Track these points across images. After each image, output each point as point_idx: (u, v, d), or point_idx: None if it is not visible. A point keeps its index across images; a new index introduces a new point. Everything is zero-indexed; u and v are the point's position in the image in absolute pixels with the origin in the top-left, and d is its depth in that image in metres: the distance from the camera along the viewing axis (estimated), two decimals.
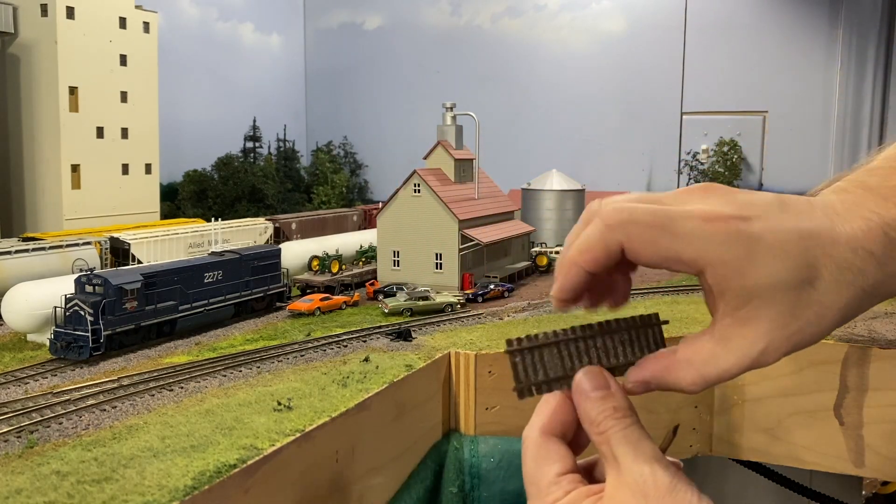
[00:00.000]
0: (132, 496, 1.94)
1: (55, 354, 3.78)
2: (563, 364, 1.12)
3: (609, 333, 1.15)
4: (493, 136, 8.83)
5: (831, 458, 3.04)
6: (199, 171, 10.42)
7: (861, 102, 10.16)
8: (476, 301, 5.45)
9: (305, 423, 2.44)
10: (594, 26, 11.26)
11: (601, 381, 1.09)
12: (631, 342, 1.16)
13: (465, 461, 3.09)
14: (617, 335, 1.15)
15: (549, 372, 1.12)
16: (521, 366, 1.12)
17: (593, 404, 1.08)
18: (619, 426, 1.05)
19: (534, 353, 1.12)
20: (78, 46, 7.41)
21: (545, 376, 1.12)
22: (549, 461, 1.10)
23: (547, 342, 1.13)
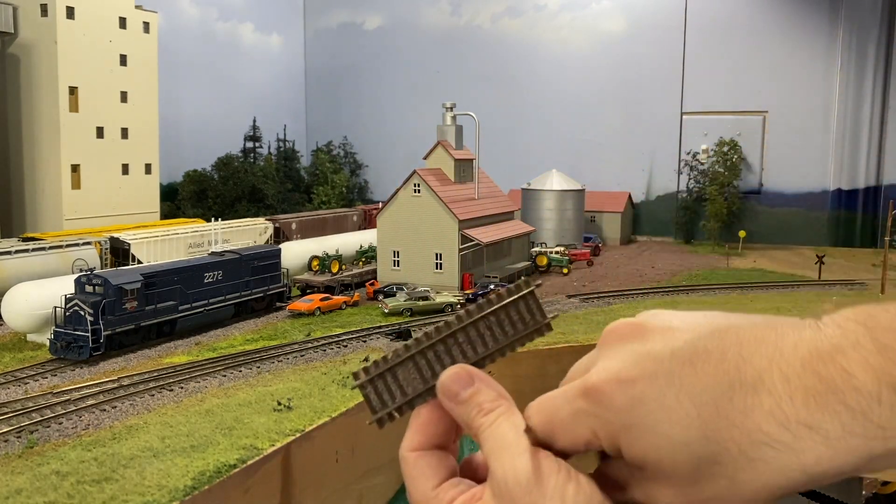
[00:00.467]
0: (132, 496, 1.94)
1: (55, 354, 3.78)
2: (422, 376, 0.98)
3: (473, 323, 0.99)
4: (493, 136, 8.85)
5: None
6: (199, 171, 10.43)
7: (861, 102, 10.18)
8: (476, 301, 5.45)
9: (305, 423, 2.44)
10: (594, 26, 11.28)
11: (465, 380, 0.95)
12: (500, 323, 0.99)
13: None
14: (482, 322, 0.99)
15: (409, 389, 0.98)
16: (374, 394, 0.98)
17: (461, 409, 0.94)
18: (485, 423, 0.91)
19: (386, 377, 0.98)
20: (78, 46, 7.41)
21: (403, 396, 0.97)
22: (423, 477, 0.96)
23: (398, 360, 0.98)
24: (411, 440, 1.00)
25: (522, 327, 0.98)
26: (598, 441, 0.87)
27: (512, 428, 0.91)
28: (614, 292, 13.60)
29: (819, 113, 11.11)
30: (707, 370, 0.79)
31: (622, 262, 9.72)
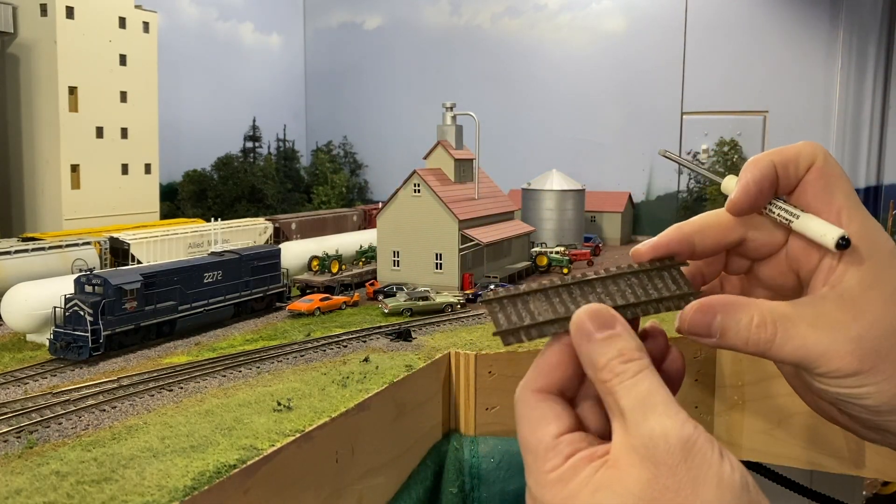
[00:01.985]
0: (132, 496, 1.94)
1: (55, 354, 3.77)
2: (554, 309, 0.97)
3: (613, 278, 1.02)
4: (493, 136, 8.84)
5: (832, 459, 3.03)
6: (199, 171, 10.43)
7: (861, 102, 10.17)
8: (476, 301, 5.45)
9: (305, 424, 2.44)
10: (594, 26, 11.27)
11: (606, 319, 0.93)
12: (643, 285, 1.02)
13: (465, 461, 3.08)
14: (623, 279, 1.02)
15: (539, 316, 0.97)
16: (502, 315, 0.97)
17: (596, 347, 0.92)
18: (626, 374, 0.89)
19: (516, 302, 0.98)
20: (77, 46, 7.41)
21: (533, 320, 0.96)
22: (544, 422, 0.94)
23: (531, 290, 0.98)
24: (534, 380, 0.98)
25: (667, 293, 1.01)
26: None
27: (660, 385, 0.88)
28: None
29: (819, 113, 11.10)
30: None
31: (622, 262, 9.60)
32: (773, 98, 10.60)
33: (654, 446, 0.84)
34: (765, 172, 1.03)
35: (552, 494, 0.90)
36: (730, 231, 1.09)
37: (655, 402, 0.87)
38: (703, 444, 0.84)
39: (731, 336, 0.99)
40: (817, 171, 1.04)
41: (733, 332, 0.99)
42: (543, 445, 0.94)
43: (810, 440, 3.05)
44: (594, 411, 1.00)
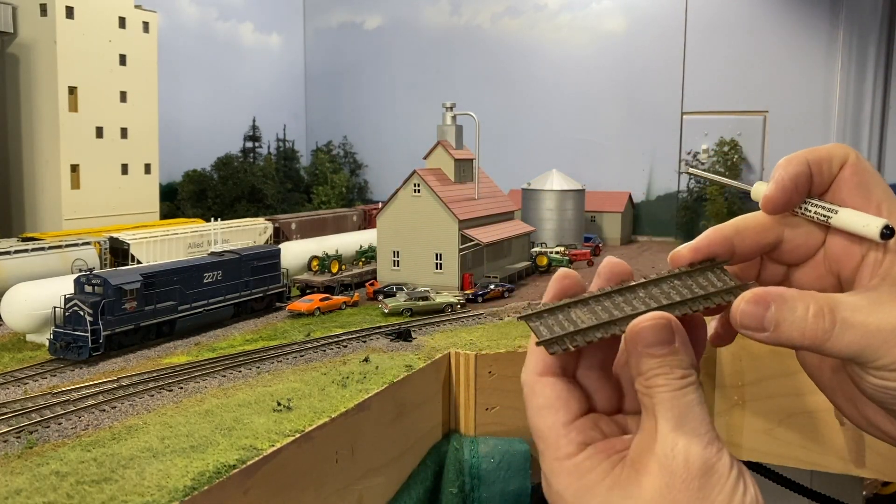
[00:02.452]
0: (131, 497, 1.94)
1: (54, 355, 3.77)
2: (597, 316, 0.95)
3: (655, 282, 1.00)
4: (493, 136, 8.83)
5: (832, 459, 3.03)
6: (199, 171, 10.42)
7: (861, 102, 10.16)
8: (476, 301, 5.45)
9: (305, 424, 2.44)
10: (594, 26, 11.26)
11: (667, 334, 0.91)
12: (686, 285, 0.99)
13: (465, 462, 3.08)
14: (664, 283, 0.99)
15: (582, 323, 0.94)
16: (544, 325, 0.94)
17: (650, 361, 0.91)
18: (670, 386, 0.89)
19: (556, 312, 0.95)
20: (77, 46, 7.40)
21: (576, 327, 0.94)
22: (552, 410, 0.94)
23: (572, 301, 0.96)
24: (536, 364, 0.97)
25: (713, 289, 0.99)
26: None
27: (699, 403, 0.88)
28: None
29: (819, 113, 11.10)
30: None
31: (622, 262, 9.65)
32: (773, 98, 10.59)
33: (675, 460, 0.86)
34: (799, 169, 1.01)
35: (566, 484, 0.91)
36: (767, 232, 1.06)
37: (689, 418, 0.88)
38: (722, 468, 0.86)
39: (787, 328, 0.96)
40: (851, 167, 1.02)
41: (788, 322, 0.96)
42: (554, 433, 0.94)
43: (810, 440, 3.05)
44: (600, 383, 1.00)
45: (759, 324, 0.96)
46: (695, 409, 0.89)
